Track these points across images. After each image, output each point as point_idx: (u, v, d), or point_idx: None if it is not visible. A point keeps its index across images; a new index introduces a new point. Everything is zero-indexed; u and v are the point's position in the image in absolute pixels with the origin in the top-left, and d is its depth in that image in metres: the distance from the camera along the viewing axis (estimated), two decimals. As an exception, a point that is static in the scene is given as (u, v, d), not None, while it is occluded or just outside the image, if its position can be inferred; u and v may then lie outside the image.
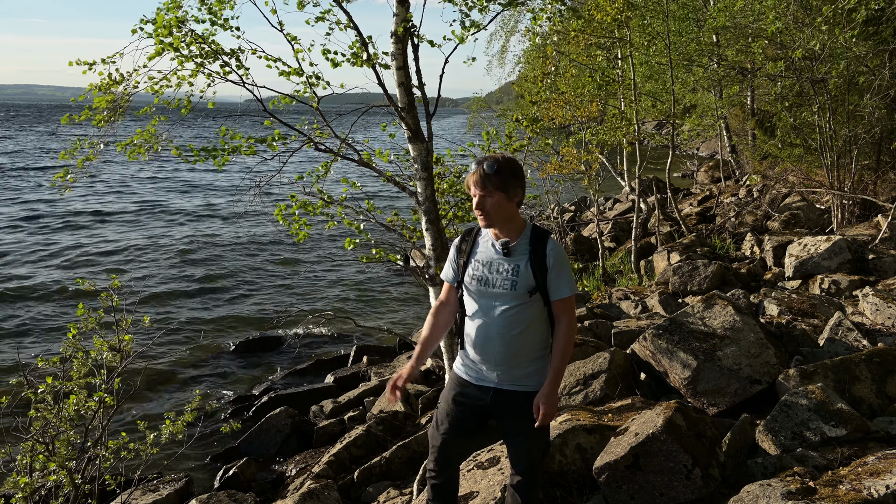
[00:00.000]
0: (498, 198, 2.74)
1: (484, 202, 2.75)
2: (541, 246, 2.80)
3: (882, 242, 8.17)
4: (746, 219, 11.72)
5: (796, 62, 9.57)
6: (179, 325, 10.48)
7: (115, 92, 4.96)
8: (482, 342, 2.84)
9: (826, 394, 3.78)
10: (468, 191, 2.82)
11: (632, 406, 4.32)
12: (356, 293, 12.50)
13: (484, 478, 3.71)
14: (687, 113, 18.47)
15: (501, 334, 2.80)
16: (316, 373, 8.64)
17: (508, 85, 35.00)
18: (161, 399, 7.91)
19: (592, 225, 13.85)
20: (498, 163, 2.74)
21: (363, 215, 5.79)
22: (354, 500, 4.88)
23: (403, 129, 5.06)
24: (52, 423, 4.33)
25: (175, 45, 4.78)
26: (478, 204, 2.76)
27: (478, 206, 2.76)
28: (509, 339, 2.79)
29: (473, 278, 2.84)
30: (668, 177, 12.94)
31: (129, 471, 5.44)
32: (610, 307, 7.88)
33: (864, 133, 9.70)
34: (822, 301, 6.38)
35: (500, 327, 2.79)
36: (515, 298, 2.78)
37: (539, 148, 7.79)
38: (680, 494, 3.32)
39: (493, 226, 2.80)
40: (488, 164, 2.73)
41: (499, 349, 2.81)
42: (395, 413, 6.13)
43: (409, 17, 4.86)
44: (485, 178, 2.72)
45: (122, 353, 4.71)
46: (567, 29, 10.95)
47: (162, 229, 18.31)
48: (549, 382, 2.80)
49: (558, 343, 2.82)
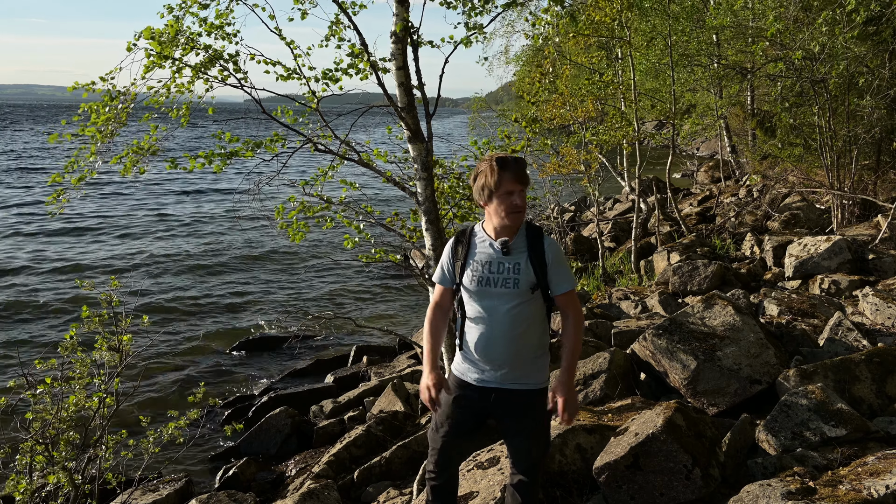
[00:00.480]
0: (525, 192, 2.81)
1: (522, 198, 2.78)
2: (538, 242, 2.83)
3: (882, 242, 8.17)
4: (746, 219, 11.72)
5: (796, 63, 9.57)
6: (179, 326, 10.48)
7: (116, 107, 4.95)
8: (486, 343, 2.83)
9: (826, 394, 3.78)
10: (490, 189, 2.77)
11: (632, 406, 4.33)
12: (356, 293, 12.50)
13: (484, 478, 3.72)
14: (687, 113, 18.47)
15: (505, 333, 2.80)
16: (316, 373, 8.64)
17: (509, 84, 35.03)
18: (161, 399, 7.91)
19: (592, 225, 13.85)
20: (522, 159, 2.80)
21: (363, 216, 5.79)
22: (354, 500, 4.88)
23: (403, 129, 5.06)
24: (52, 423, 4.33)
25: (167, 54, 4.77)
26: (519, 199, 2.76)
27: (518, 201, 2.76)
28: (513, 337, 2.80)
29: (474, 279, 2.83)
30: (668, 177, 12.94)
31: (129, 471, 5.44)
32: (610, 307, 7.88)
33: (864, 133, 9.70)
34: (822, 301, 6.38)
35: (504, 326, 2.80)
36: (518, 296, 2.79)
37: (538, 148, 7.79)
38: (680, 494, 3.32)
39: (521, 222, 2.83)
40: (518, 161, 2.77)
41: (503, 349, 2.81)
42: (394, 413, 6.13)
43: (407, 16, 4.86)
44: (523, 174, 2.76)
45: (122, 353, 4.71)
46: (566, 31, 10.94)
47: (161, 229, 18.31)
48: (564, 372, 2.83)
49: (568, 336, 2.86)
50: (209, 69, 4.97)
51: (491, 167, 2.76)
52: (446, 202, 5.95)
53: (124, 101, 4.93)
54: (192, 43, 4.87)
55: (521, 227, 2.87)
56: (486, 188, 2.77)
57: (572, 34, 10.96)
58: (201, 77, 4.95)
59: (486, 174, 2.77)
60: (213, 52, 4.94)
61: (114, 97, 4.89)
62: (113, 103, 4.89)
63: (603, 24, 10.90)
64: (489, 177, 2.75)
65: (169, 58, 4.80)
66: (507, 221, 2.77)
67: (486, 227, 2.89)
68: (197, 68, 4.91)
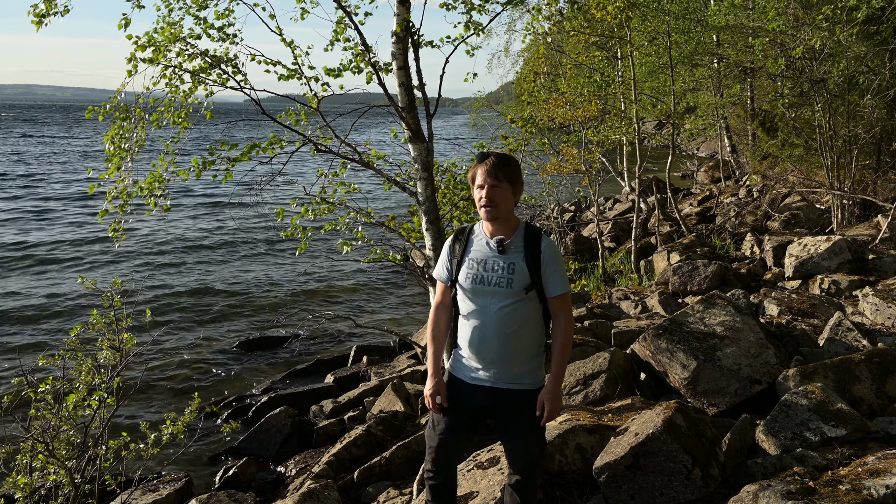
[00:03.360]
0: (505, 189, 2.79)
1: (493, 192, 2.78)
2: (535, 243, 2.83)
3: (882, 242, 8.18)
4: (746, 219, 11.72)
5: (796, 61, 9.56)
6: (179, 325, 10.48)
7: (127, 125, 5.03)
8: (478, 341, 2.85)
9: (826, 394, 3.78)
10: (471, 183, 2.86)
11: (632, 406, 4.33)
12: (356, 293, 12.50)
13: (484, 478, 3.72)
14: (688, 113, 18.47)
15: (498, 332, 2.81)
16: (316, 373, 8.63)
17: (510, 84, 35.07)
18: (161, 399, 7.91)
19: (592, 225, 13.85)
20: (506, 156, 2.83)
21: (363, 216, 5.79)
22: (354, 500, 4.88)
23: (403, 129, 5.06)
24: (52, 422, 4.33)
25: (158, 60, 4.79)
26: (487, 193, 2.78)
27: (487, 196, 2.78)
28: (505, 336, 2.81)
29: (468, 277, 2.85)
30: (668, 177, 12.94)
31: (129, 471, 5.44)
32: (610, 307, 7.88)
33: (864, 133, 9.70)
34: (822, 301, 6.38)
35: (497, 325, 2.81)
36: (511, 296, 2.80)
37: (538, 147, 7.78)
38: (680, 494, 3.32)
39: (498, 218, 2.82)
40: (498, 156, 2.81)
41: (495, 347, 2.82)
42: (394, 413, 6.13)
43: (408, 17, 4.86)
44: (496, 168, 2.77)
45: (122, 352, 4.71)
46: (567, 26, 10.94)
47: (161, 230, 18.30)
48: (552, 380, 2.84)
49: (557, 340, 2.86)
50: (209, 74, 4.99)
51: (475, 162, 2.86)
52: (448, 202, 5.96)
53: (133, 118, 4.99)
54: (191, 45, 4.87)
55: (521, 226, 2.88)
56: (470, 183, 2.89)
57: (573, 32, 10.96)
58: (201, 83, 4.97)
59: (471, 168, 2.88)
60: (212, 59, 4.95)
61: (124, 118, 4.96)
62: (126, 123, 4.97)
63: (603, 24, 10.90)
64: (471, 170, 2.87)
65: (161, 63, 4.82)
66: (481, 215, 2.83)
67: (484, 225, 2.91)
68: (196, 73, 4.92)
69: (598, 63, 13.43)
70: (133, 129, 4.99)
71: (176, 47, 4.81)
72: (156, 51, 4.78)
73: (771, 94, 12.93)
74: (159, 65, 4.82)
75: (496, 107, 28.86)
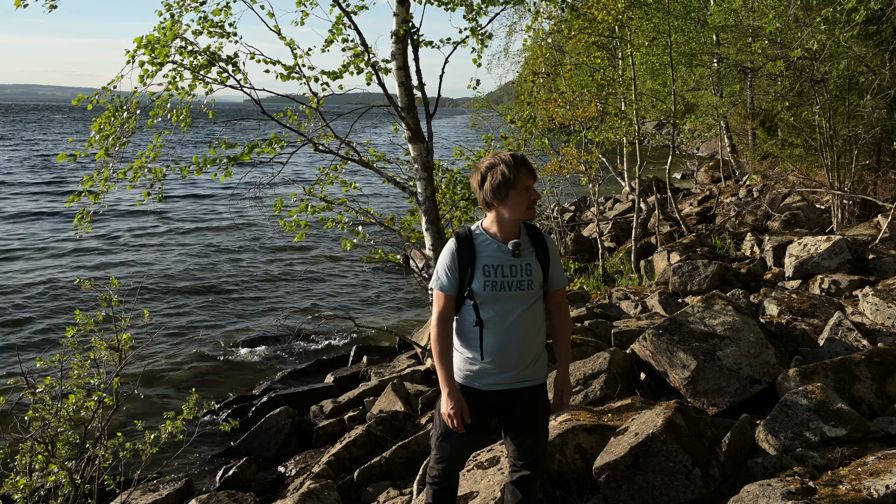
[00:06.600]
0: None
1: (537, 192, 2.81)
2: (540, 240, 2.87)
3: (882, 242, 8.17)
4: (746, 219, 11.71)
5: (796, 62, 9.56)
6: (178, 326, 10.48)
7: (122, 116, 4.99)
8: (499, 347, 2.79)
9: (826, 394, 3.78)
10: (507, 186, 2.73)
11: (632, 406, 4.32)
12: (356, 293, 12.49)
13: (484, 478, 3.71)
14: (688, 113, 18.47)
15: (520, 335, 2.79)
16: (316, 373, 8.62)
17: (510, 84, 35.05)
18: (161, 399, 7.91)
19: (592, 225, 13.85)
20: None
21: (363, 215, 5.79)
22: (354, 500, 4.88)
23: (403, 129, 5.06)
24: (51, 423, 4.32)
25: (161, 61, 4.79)
26: (535, 195, 2.78)
27: (534, 198, 2.79)
28: (526, 339, 2.81)
29: (487, 284, 2.76)
30: (668, 177, 12.94)
31: (129, 471, 5.43)
32: (610, 307, 7.88)
33: (864, 133, 9.69)
34: (822, 301, 6.37)
35: (520, 328, 2.79)
36: (531, 297, 2.82)
37: (538, 147, 7.78)
38: (680, 494, 3.32)
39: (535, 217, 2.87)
40: (525, 159, 2.80)
41: (519, 351, 2.81)
42: (395, 413, 6.12)
43: (409, 17, 4.86)
44: (534, 170, 2.79)
45: (121, 352, 4.70)
46: (567, 27, 10.94)
47: (160, 229, 18.30)
48: (564, 367, 2.98)
49: (563, 331, 2.97)
50: (209, 71, 4.98)
51: (508, 164, 2.72)
52: (448, 202, 5.96)
53: (128, 111, 4.96)
54: (191, 44, 4.88)
55: (521, 226, 2.88)
56: (503, 186, 2.72)
57: (573, 33, 10.96)
58: (200, 80, 4.97)
59: (502, 171, 2.72)
60: (211, 55, 4.95)
61: (118, 108, 4.93)
62: (118, 113, 4.93)
63: (604, 24, 10.90)
64: (508, 173, 2.72)
65: (163, 64, 4.81)
66: (526, 216, 2.80)
67: (489, 227, 2.83)
68: (195, 70, 4.92)
69: (599, 63, 13.42)
70: (124, 121, 4.96)
71: (176, 43, 4.81)
72: (156, 50, 4.77)
73: (771, 93, 12.93)
74: (163, 65, 4.82)
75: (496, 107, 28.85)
